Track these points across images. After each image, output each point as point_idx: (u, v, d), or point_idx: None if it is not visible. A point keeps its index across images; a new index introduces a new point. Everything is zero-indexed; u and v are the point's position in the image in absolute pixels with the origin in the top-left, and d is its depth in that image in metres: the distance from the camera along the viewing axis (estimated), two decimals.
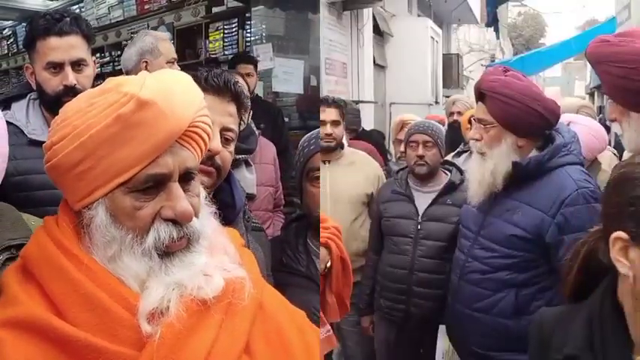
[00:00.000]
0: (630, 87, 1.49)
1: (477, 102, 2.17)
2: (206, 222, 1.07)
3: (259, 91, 5.21)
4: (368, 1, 7.79)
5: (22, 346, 0.90)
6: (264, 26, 6.00)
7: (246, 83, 2.97)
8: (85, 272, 0.95)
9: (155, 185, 0.99)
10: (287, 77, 5.64)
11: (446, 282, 2.40)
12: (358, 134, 4.65)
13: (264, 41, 5.83)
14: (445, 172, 2.92)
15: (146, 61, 3.03)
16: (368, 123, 6.66)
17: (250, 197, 2.72)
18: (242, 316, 1.03)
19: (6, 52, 7.85)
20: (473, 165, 2.21)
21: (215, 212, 1.13)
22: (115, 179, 0.97)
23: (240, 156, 2.68)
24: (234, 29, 5.86)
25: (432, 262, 2.67)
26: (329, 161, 3.19)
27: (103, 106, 0.98)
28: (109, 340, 0.92)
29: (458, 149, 3.75)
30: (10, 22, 7.67)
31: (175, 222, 0.99)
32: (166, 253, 0.99)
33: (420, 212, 2.78)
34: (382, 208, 2.92)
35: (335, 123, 3.17)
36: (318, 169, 2.02)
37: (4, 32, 7.80)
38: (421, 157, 2.82)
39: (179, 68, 3.16)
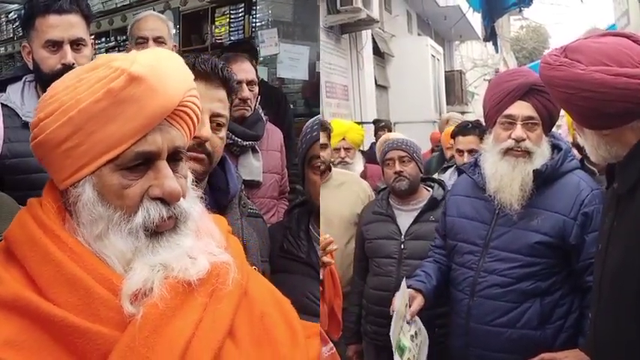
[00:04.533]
0: (574, 110, 1.49)
1: (516, 100, 2.09)
2: (193, 205, 1.07)
3: (264, 76, 5.15)
4: (366, 24, 7.69)
5: (5, 324, 0.89)
6: (270, 11, 5.96)
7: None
8: (68, 253, 0.95)
9: (144, 163, 0.98)
10: (292, 63, 5.60)
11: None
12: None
13: (270, 26, 5.78)
14: (427, 189, 2.83)
15: None
16: None
17: (256, 184, 2.70)
18: (227, 301, 1.03)
19: (11, 35, 7.79)
20: (507, 167, 2.08)
21: (201, 197, 1.12)
22: (103, 156, 0.96)
23: (247, 142, 2.66)
24: (240, 14, 5.81)
25: None
26: None
27: (92, 81, 0.96)
28: (91, 320, 0.91)
29: (443, 165, 3.66)
30: (15, 5, 7.61)
31: (164, 201, 0.99)
32: (154, 233, 0.98)
33: (403, 231, 2.70)
34: (364, 230, 2.83)
35: (323, 146, 3.02)
36: (319, 157, 2.01)
37: (9, 16, 7.75)
38: (399, 172, 2.74)
39: None
